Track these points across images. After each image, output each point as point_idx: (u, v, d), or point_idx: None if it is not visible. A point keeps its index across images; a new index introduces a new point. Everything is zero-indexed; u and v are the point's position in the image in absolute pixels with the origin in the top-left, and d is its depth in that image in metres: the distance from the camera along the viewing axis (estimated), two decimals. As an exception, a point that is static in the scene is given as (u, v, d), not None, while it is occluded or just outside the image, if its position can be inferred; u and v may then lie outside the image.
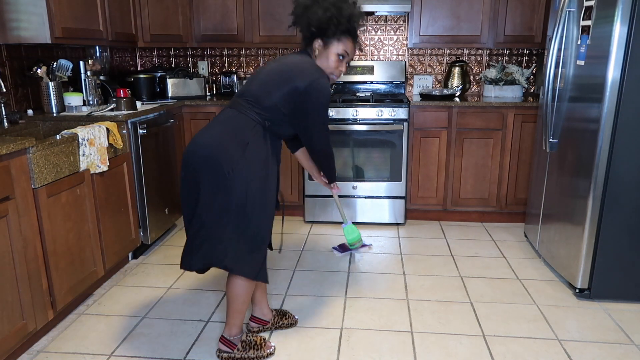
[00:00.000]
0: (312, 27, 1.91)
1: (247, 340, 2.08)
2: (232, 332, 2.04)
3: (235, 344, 2.05)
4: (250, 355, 2.04)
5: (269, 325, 2.27)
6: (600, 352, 2.12)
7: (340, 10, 1.88)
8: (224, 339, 2.05)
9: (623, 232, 2.44)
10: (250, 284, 1.97)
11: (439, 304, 2.53)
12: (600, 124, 2.36)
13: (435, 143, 3.58)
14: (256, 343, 2.08)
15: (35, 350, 2.14)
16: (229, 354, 2.04)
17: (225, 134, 1.85)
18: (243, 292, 1.97)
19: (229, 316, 2.03)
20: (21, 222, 2.00)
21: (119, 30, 3.28)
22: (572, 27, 2.64)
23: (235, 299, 1.98)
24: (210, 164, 1.82)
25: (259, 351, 2.06)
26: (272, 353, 2.09)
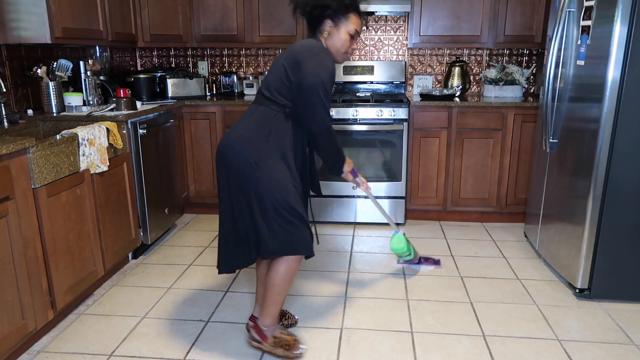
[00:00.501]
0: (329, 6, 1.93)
1: (279, 337, 2.06)
2: (266, 322, 2.05)
3: (267, 336, 2.05)
4: (279, 353, 2.04)
5: None
6: (600, 352, 2.12)
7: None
8: (258, 327, 2.06)
9: (623, 232, 2.44)
10: (290, 272, 1.97)
11: (439, 304, 2.53)
12: (600, 124, 2.36)
13: (435, 143, 3.58)
14: (287, 342, 2.05)
15: (35, 350, 2.14)
16: (259, 345, 2.07)
17: (249, 127, 1.94)
18: (281, 282, 1.97)
19: (264, 304, 2.04)
20: (21, 222, 2.00)
21: (119, 30, 3.28)
22: (572, 27, 2.64)
23: (273, 287, 1.99)
24: (239, 160, 1.89)
25: (288, 351, 2.05)
26: (300, 355, 2.07)
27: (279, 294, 2.01)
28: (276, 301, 2.02)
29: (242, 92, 4.11)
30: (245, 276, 2.83)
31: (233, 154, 1.91)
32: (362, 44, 4.12)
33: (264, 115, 1.95)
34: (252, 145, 1.90)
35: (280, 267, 1.96)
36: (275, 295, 2.00)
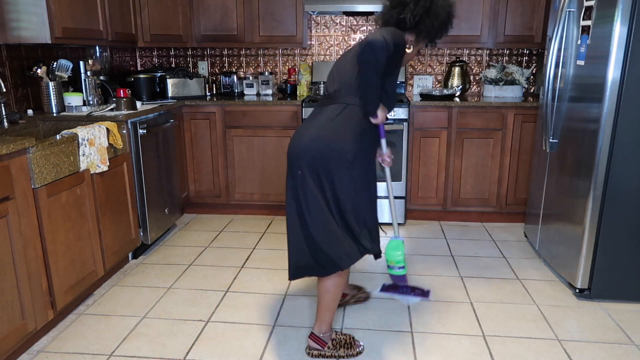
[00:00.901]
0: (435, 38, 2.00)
1: (337, 338, 2.09)
2: (322, 329, 2.06)
3: (325, 342, 2.06)
4: (341, 353, 2.05)
5: (348, 297, 2.42)
6: (600, 352, 2.12)
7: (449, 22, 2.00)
8: (314, 336, 2.07)
9: (623, 232, 2.44)
10: (341, 278, 1.99)
11: (439, 304, 2.53)
12: (600, 124, 2.36)
13: (435, 143, 3.58)
14: (346, 342, 2.08)
15: (35, 350, 2.14)
16: (320, 352, 2.06)
17: (338, 125, 1.90)
18: (333, 287, 1.99)
19: (319, 312, 2.05)
20: (21, 222, 2.00)
21: (119, 30, 3.28)
22: (572, 27, 2.64)
23: (326, 294, 2.00)
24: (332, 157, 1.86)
25: (350, 350, 2.06)
26: (361, 352, 2.09)
27: (333, 301, 2.02)
28: (330, 307, 2.04)
29: (242, 92, 4.11)
30: (245, 276, 2.83)
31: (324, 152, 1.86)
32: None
33: (353, 113, 1.92)
34: (348, 143, 1.87)
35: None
36: (329, 302, 2.02)
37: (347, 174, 1.88)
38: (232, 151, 3.74)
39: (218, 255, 3.14)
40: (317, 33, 4.14)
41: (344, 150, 1.86)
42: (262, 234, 3.51)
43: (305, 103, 3.57)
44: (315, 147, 1.88)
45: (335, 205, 1.90)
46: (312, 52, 4.18)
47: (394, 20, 1.97)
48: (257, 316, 2.41)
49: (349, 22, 4.10)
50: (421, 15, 1.92)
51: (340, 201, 1.89)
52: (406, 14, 1.92)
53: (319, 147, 1.87)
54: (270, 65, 4.23)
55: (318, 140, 1.89)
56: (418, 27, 1.95)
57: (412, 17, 1.92)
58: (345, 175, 1.87)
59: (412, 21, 1.92)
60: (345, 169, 1.87)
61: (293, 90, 4.04)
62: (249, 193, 3.80)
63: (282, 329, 2.29)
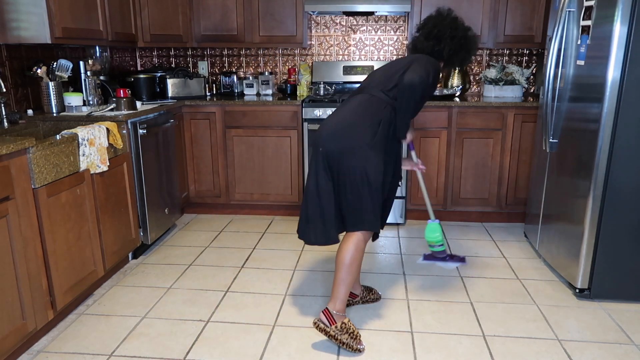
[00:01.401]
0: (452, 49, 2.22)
1: (347, 324, 2.12)
2: (337, 306, 2.11)
3: (335, 320, 2.10)
4: (343, 339, 2.09)
5: (358, 299, 2.45)
6: (600, 352, 2.12)
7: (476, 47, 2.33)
8: (327, 311, 2.11)
9: (623, 232, 2.44)
10: (358, 252, 2.12)
11: (439, 304, 2.53)
12: (600, 124, 2.36)
13: (435, 143, 3.58)
14: (353, 332, 2.12)
15: (35, 350, 2.14)
16: (325, 327, 2.10)
17: (360, 113, 2.11)
18: (349, 259, 2.11)
19: (334, 286, 2.13)
20: (21, 222, 2.00)
21: (119, 30, 3.28)
22: (572, 27, 2.64)
23: (342, 266, 2.11)
24: (348, 142, 2.05)
25: (352, 340, 2.10)
26: (361, 350, 2.11)
27: (348, 274, 2.12)
28: (347, 282, 2.12)
29: (242, 92, 4.11)
30: (245, 276, 2.83)
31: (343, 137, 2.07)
32: (362, 44, 4.13)
33: (375, 104, 2.12)
34: (365, 130, 2.06)
35: (349, 244, 2.11)
36: (346, 275, 2.11)
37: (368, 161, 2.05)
38: (232, 151, 3.74)
39: (218, 255, 3.14)
40: (317, 33, 4.14)
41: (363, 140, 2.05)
42: (262, 234, 3.51)
43: (305, 103, 3.57)
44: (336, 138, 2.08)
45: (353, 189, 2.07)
46: (312, 52, 4.18)
47: (427, 50, 2.23)
48: (257, 316, 2.41)
49: (349, 22, 4.10)
50: (456, 50, 2.22)
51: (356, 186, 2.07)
52: (443, 48, 2.20)
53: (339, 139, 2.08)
54: (270, 65, 4.23)
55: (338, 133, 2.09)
56: (451, 59, 2.25)
57: (448, 51, 2.20)
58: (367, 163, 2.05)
59: (448, 54, 2.21)
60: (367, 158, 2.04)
61: (293, 90, 4.04)
62: (249, 193, 3.81)
63: (282, 329, 2.29)
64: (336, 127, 2.12)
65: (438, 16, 2.25)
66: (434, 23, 2.23)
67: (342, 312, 2.13)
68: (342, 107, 2.21)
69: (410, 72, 2.08)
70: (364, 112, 2.12)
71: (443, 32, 2.20)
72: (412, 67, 2.11)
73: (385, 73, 2.21)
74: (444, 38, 2.20)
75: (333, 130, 2.12)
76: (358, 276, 2.39)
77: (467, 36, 2.24)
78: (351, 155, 2.05)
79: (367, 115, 2.11)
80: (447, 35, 2.19)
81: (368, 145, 2.05)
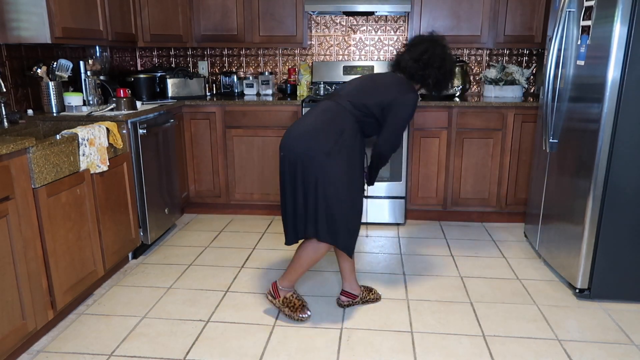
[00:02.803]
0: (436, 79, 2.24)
1: (289, 298, 2.35)
2: (284, 283, 2.35)
3: (280, 295, 2.35)
4: (285, 311, 2.35)
5: (358, 299, 2.50)
6: (600, 352, 2.12)
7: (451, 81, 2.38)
8: (275, 284, 2.37)
9: (623, 232, 2.44)
10: (316, 255, 2.25)
11: (439, 304, 2.53)
12: (600, 124, 2.36)
13: (435, 143, 3.58)
14: (294, 305, 2.34)
15: (35, 350, 2.14)
16: (272, 300, 2.37)
17: (324, 120, 2.16)
18: (306, 258, 2.26)
19: (288, 269, 2.33)
20: (21, 222, 2.00)
21: (119, 30, 3.28)
22: (572, 27, 2.64)
23: (302, 260, 2.27)
24: (310, 148, 2.10)
25: (293, 312, 2.33)
26: (303, 319, 2.33)
27: (302, 267, 2.29)
28: (299, 270, 2.30)
29: (242, 92, 4.11)
30: (245, 276, 2.83)
31: (306, 144, 2.12)
32: (362, 44, 4.13)
33: (341, 113, 2.17)
34: (326, 138, 2.11)
35: (309, 246, 2.24)
36: (299, 267, 2.29)
37: (322, 170, 2.10)
38: (232, 151, 3.74)
39: (218, 255, 3.14)
40: (317, 33, 4.14)
41: (321, 147, 2.09)
42: (262, 234, 3.51)
43: (305, 103, 3.57)
44: (297, 144, 2.14)
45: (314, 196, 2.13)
46: (312, 52, 4.18)
47: (411, 72, 2.24)
48: (257, 316, 2.41)
49: (349, 22, 4.10)
50: (439, 80, 2.25)
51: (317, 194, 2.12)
52: (428, 75, 2.21)
53: (300, 144, 2.13)
54: (270, 65, 4.23)
55: (300, 138, 2.14)
56: (432, 86, 2.27)
57: (433, 79, 2.23)
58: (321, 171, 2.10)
59: (432, 82, 2.24)
60: (321, 166, 2.09)
61: (293, 90, 4.04)
62: (249, 193, 3.81)
63: (282, 329, 2.29)
64: (299, 132, 2.16)
65: (431, 42, 2.23)
66: (425, 48, 2.21)
67: (288, 287, 2.35)
68: (309, 112, 2.25)
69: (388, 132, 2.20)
70: (328, 120, 2.15)
71: (432, 61, 2.19)
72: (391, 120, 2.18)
73: (360, 87, 2.25)
74: (431, 66, 2.20)
75: (295, 135, 2.16)
76: (355, 278, 2.49)
77: (452, 69, 2.29)
78: (308, 163, 2.09)
79: (330, 123, 2.14)
80: (435, 65, 2.20)
81: (325, 154, 2.08)
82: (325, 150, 2.09)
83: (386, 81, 2.26)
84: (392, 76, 2.29)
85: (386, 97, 2.18)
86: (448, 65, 2.24)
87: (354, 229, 2.25)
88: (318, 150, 2.09)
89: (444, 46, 2.24)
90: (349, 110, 2.17)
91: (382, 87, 2.23)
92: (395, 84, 2.23)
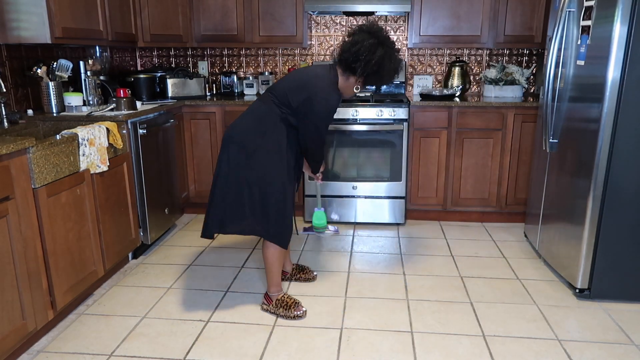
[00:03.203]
0: (365, 72, 2.19)
1: (280, 299, 2.42)
2: (271, 289, 2.44)
3: (272, 300, 2.43)
4: (280, 312, 2.39)
5: (288, 275, 2.72)
6: (600, 352, 2.12)
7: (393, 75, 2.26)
8: (266, 293, 2.47)
9: (623, 232, 2.44)
10: (277, 251, 2.35)
11: (439, 304, 2.53)
12: (600, 124, 2.36)
13: (435, 143, 3.58)
14: (287, 303, 2.40)
15: (35, 350, 2.14)
16: (266, 307, 2.44)
17: (251, 121, 2.27)
18: (271, 257, 2.37)
19: (266, 275, 2.44)
20: (21, 222, 2.00)
21: (119, 30, 3.28)
22: (572, 27, 2.64)
23: (265, 259, 2.39)
24: (237, 145, 2.23)
25: (288, 311, 2.38)
26: (300, 316, 2.38)
27: (273, 265, 2.39)
28: (273, 271, 2.41)
29: (242, 92, 4.11)
30: (245, 276, 2.83)
31: (234, 140, 2.24)
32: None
33: (264, 114, 2.27)
34: (250, 138, 2.23)
35: (269, 250, 2.36)
36: (270, 266, 2.40)
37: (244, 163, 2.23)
38: (232, 151, 3.73)
39: (218, 255, 3.14)
40: (317, 33, 4.14)
41: (244, 143, 2.22)
42: (262, 234, 3.51)
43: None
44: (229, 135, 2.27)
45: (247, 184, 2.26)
46: (312, 52, 4.18)
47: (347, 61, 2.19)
48: (257, 316, 2.41)
49: (349, 22, 4.10)
50: (369, 73, 2.20)
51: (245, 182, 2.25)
52: (357, 67, 2.17)
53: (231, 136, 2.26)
54: (270, 65, 4.23)
55: (233, 130, 2.28)
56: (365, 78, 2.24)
57: (361, 72, 2.18)
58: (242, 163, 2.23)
59: (361, 74, 2.20)
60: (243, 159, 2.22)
61: (293, 90, 4.03)
62: (249, 193, 3.80)
63: (282, 329, 2.29)
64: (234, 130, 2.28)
65: (366, 33, 2.16)
66: (358, 39, 2.15)
67: (276, 291, 2.43)
68: (247, 110, 2.36)
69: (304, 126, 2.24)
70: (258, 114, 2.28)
71: (360, 53, 2.13)
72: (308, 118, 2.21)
73: (286, 85, 2.27)
74: (359, 59, 2.14)
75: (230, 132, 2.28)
76: (287, 256, 2.69)
77: (382, 64, 2.15)
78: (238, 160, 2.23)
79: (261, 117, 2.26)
80: (362, 58, 2.13)
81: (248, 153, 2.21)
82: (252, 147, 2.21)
83: (309, 75, 2.25)
84: (318, 73, 2.26)
85: (302, 93, 2.18)
86: (375, 59, 2.13)
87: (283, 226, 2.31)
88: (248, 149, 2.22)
89: (374, 42, 2.13)
90: (273, 110, 2.25)
91: (304, 84, 2.21)
92: (319, 81, 2.21)
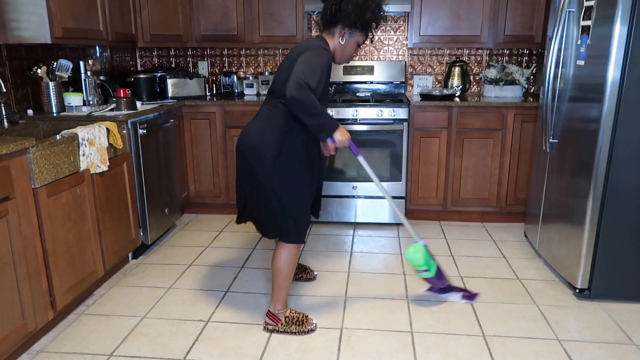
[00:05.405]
0: (357, 23, 2.08)
1: (290, 316, 2.26)
2: (277, 306, 2.26)
3: (279, 318, 2.25)
4: (292, 329, 2.24)
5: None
6: (600, 352, 2.12)
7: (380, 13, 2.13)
8: (270, 312, 2.27)
9: (623, 232, 2.44)
10: (291, 260, 2.20)
11: (439, 304, 2.53)
12: (600, 124, 2.36)
13: (435, 143, 3.58)
14: (298, 319, 2.25)
15: (35, 350, 2.14)
16: (274, 327, 2.25)
17: (266, 128, 2.11)
18: (284, 267, 2.19)
19: (273, 290, 2.25)
20: (21, 222, 2.00)
21: (119, 30, 3.28)
22: (572, 27, 2.64)
23: (278, 273, 2.21)
24: (257, 154, 2.09)
25: (301, 327, 2.24)
26: (313, 330, 2.25)
27: (284, 279, 2.21)
28: (282, 286, 2.23)
29: (242, 92, 4.11)
30: (245, 276, 2.83)
31: (253, 149, 2.10)
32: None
33: (276, 119, 2.11)
34: (270, 146, 2.08)
35: (282, 253, 2.18)
36: (282, 281, 2.21)
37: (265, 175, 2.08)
38: (232, 151, 3.74)
39: (218, 255, 3.14)
40: (317, 33, 4.14)
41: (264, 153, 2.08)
42: (262, 234, 3.50)
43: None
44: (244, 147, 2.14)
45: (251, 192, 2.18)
46: (312, 52, 4.17)
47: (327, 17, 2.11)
48: (257, 316, 2.41)
49: (349, 22, 4.09)
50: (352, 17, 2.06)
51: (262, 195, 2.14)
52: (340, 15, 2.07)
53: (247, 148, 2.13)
54: (270, 65, 4.23)
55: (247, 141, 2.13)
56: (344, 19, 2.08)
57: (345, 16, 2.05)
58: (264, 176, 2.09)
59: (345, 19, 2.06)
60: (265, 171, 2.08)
61: (293, 90, 4.03)
62: (249, 193, 3.80)
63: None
64: (248, 134, 2.15)
65: None
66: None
67: (283, 308, 2.27)
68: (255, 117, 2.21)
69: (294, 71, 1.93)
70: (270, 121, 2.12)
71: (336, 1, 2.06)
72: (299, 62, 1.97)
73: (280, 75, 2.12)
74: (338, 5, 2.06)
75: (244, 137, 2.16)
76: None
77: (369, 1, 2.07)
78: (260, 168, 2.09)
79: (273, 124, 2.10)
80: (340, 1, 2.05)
81: (272, 158, 2.07)
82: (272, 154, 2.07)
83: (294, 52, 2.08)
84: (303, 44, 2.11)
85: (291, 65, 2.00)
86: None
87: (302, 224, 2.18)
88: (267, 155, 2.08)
89: None
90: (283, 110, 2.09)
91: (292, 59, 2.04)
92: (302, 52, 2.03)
